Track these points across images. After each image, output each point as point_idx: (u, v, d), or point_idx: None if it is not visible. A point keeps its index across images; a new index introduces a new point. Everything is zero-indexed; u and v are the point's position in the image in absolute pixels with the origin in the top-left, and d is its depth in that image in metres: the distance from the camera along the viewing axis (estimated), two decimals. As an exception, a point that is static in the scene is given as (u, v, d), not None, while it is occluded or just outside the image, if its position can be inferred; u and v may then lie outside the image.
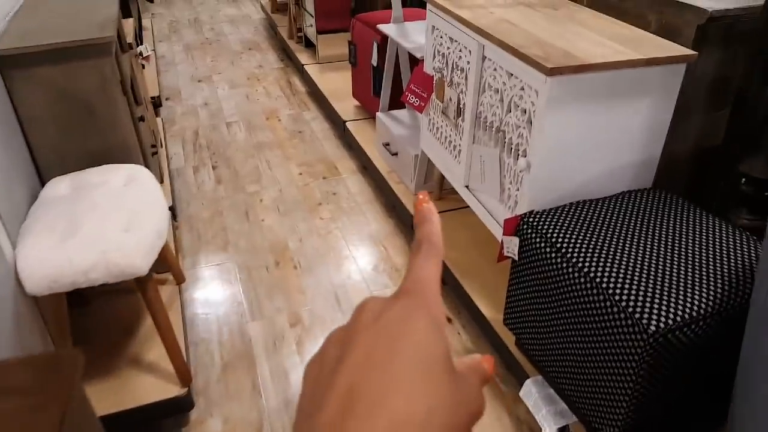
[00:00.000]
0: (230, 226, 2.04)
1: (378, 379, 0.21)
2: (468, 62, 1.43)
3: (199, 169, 2.40)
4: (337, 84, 2.94)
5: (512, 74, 1.25)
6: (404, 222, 2.00)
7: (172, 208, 1.95)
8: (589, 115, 1.18)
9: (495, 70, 1.32)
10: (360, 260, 1.88)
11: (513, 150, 1.30)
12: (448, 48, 1.53)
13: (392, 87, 2.24)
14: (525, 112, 1.23)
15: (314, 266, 1.85)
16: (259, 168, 2.41)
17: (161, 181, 2.05)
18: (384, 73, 2.20)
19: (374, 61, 2.29)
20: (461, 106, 1.51)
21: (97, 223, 1.10)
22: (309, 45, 3.44)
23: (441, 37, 1.57)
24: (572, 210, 1.21)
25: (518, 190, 1.31)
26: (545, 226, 1.18)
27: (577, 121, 1.17)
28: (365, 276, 1.82)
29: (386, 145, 2.14)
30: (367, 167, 2.35)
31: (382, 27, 2.08)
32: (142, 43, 3.22)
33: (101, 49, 1.24)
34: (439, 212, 1.94)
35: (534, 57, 1.12)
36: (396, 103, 2.28)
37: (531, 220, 1.20)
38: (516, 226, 1.23)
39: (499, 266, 1.60)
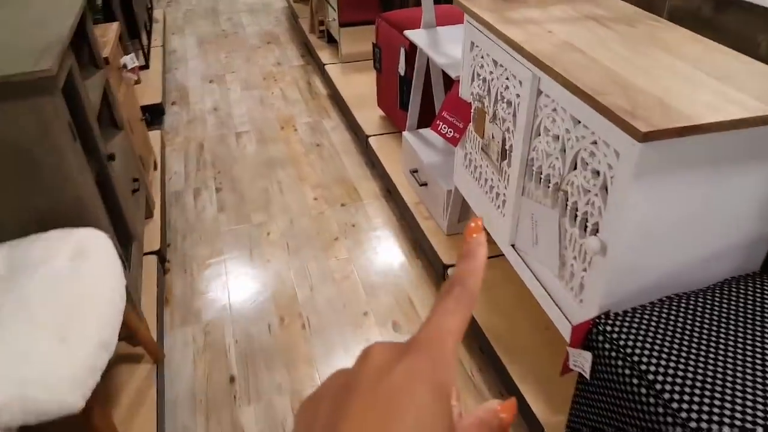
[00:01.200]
0: (231, 269, 1.77)
1: None
2: (518, 95, 1.11)
3: (200, 192, 2.14)
4: (361, 88, 2.63)
5: (580, 122, 0.93)
6: (433, 266, 1.70)
7: (160, 252, 1.70)
8: (689, 186, 0.85)
9: (555, 110, 1.00)
10: (381, 315, 1.59)
11: (579, 219, 0.99)
12: (491, 73, 1.21)
13: (422, 102, 1.93)
14: (598, 175, 0.91)
15: (326, 325, 1.57)
16: (269, 191, 2.13)
17: (150, 215, 1.79)
18: (413, 85, 1.89)
19: (401, 70, 1.98)
20: (507, 147, 1.20)
21: (22, 331, 0.84)
22: (331, 41, 3.14)
23: (482, 58, 1.25)
24: (661, 311, 0.90)
25: (585, 271, 1.00)
26: (624, 337, 0.87)
27: (673, 194, 0.85)
28: (386, 338, 1.53)
29: (414, 172, 1.84)
30: (391, 192, 2.05)
31: (410, 34, 1.76)
32: (147, 42, 2.97)
33: (38, 85, 0.97)
34: None
35: (618, 111, 0.80)
36: (426, 120, 1.97)
37: (606, 328, 0.89)
38: (586, 334, 0.92)
39: (554, 343, 1.29)
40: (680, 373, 0.79)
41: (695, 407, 0.75)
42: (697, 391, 0.77)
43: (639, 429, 0.82)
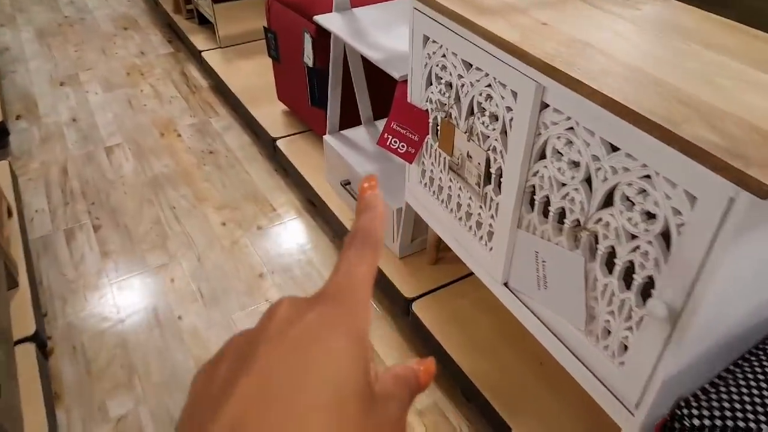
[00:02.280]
0: (133, 339, 1.41)
1: (272, 418, 0.17)
2: (508, 108, 0.87)
3: (74, 234, 1.71)
4: (252, 78, 2.27)
5: (618, 149, 0.71)
6: (389, 298, 1.45)
7: (37, 335, 1.29)
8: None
9: (572, 130, 0.78)
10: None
11: (619, 269, 0.78)
12: (461, 77, 0.96)
13: (342, 99, 1.64)
14: (652, 218, 0.70)
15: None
16: (163, 221, 1.75)
17: (14, 284, 1.37)
18: (330, 80, 1.59)
19: (309, 60, 1.66)
20: (493, 170, 0.96)
21: None
22: (204, 21, 2.70)
23: (444, 57, 0.99)
24: (749, 384, 0.72)
25: (631, 331, 0.80)
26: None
27: (761, 247, 0.66)
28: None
29: (346, 184, 1.56)
30: (315, 203, 1.76)
31: (323, 21, 1.45)
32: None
33: None
34: (441, 285, 1.42)
35: (713, 149, 0.58)
36: (348, 119, 1.68)
37: (692, 423, 0.70)
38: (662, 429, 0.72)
39: (553, 379, 1.11)
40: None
41: None
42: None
43: None
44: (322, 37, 1.55)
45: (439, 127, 1.08)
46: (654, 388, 0.78)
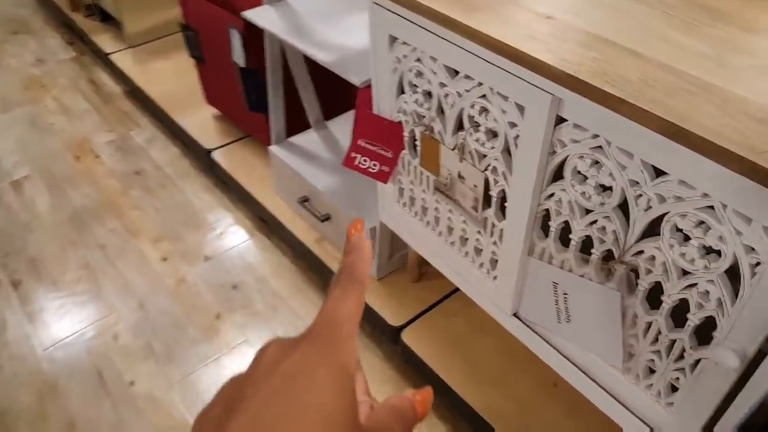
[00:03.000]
0: (79, 420, 1.21)
1: None
2: (512, 124, 0.73)
3: (-12, 294, 1.47)
4: (171, 81, 2.03)
5: (666, 173, 0.59)
6: (372, 324, 1.31)
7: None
8: None
9: (600, 149, 0.65)
10: None
11: (668, 308, 0.67)
12: (444, 86, 0.81)
13: (286, 99, 1.45)
14: (714, 255, 0.59)
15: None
16: (92, 265, 1.53)
17: None
18: (270, 84, 1.40)
19: (240, 60, 1.46)
20: (495, 194, 0.83)
21: None
22: (107, 18, 2.40)
23: (417, 60, 0.84)
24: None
25: (682, 373, 0.70)
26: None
27: None
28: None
29: (304, 201, 1.39)
30: (267, 221, 1.59)
31: (252, 16, 1.25)
32: None
33: None
34: (430, 306, 1.28)
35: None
36: (295, 124, 1.51)
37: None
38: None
39: (570, 401, 1.01)
40: None
41: None
42: None
43: None
44: (254, 33, 1.36)
45: (418, 143, 0.93)
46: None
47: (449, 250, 0.99)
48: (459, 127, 0.83)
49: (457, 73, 0.79)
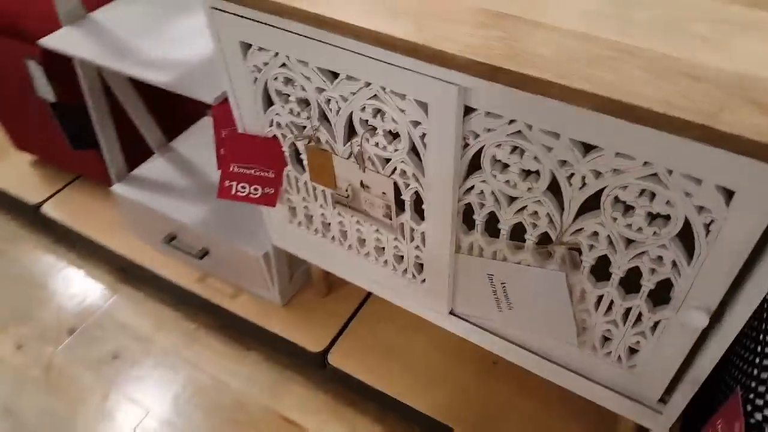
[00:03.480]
0: None
1: None
2: (415, 123, 0.66)
3: None
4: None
5: (595, 147, 0.55)
6: (295, 356, 1.20)
7: None
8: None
9: (519, 134, 0.60)
10: (264, 472, 1.08)
11: (618, 278, 0.65)
12: (323, 92, 0.71)
13: (118, 128, 1.25)
14: (663, 220, 0.57)
15: None
16: (-74, 379, 1.25)
17: None
18: (94, 119, 1.19)
19: (48, 95, 1.23)
20: (407, 197, 0.75)
21: None
22: None
23: (282, 66, 0.73)
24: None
25: (642, 336, 0.69)
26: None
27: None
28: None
29: (171, 239, 1.22)
30: (129, 270, 1.39)
31: (52, 43, 1.04)
32: None
33: None
34: (349, 318, 1.18)
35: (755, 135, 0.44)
36: (135, 149, 1.31)
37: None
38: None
39: (526, 382, 1.00)
40: None
41: None
42: None
43: None
44: (59, 61, 1.14)
45: (304, 156, 0.82)
46: (688, 385, 0.69)
47: (364, 262, 0.91)
48: (351, 133, 0.74)
49: (336, 75, 0.69)
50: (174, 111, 1.35)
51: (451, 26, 0.58)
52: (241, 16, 0.71)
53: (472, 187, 0.69)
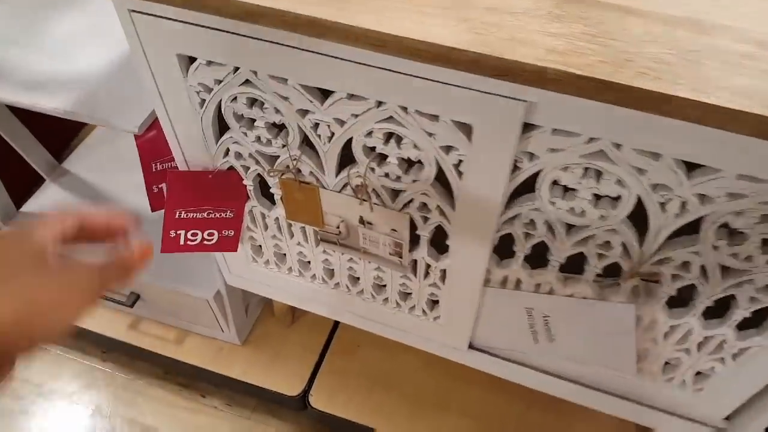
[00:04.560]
0: None
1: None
2: (447, 149, 0.50)
3: None
4: None
5: (701, 165, 0.42)
6: (270, 401, 1.02)
7: None
8: None
9: (601, 154, 0.45)
10: None
11: (703, 309, 0.54)
12: (309, 114, 0.52)
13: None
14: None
15: None
16: None
17: None
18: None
19: None
20: (425, 233, 0.59)
21: None
22: None
23: (245, 84, 0.53)
24: None
25: (721, 363, 0.59)
26: None
27: None
28: None
29: (88, 287, 0.98)
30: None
31: None
32: None
33: None
34: (324, 347, 1.01)
35: None
36: (21, 177, 1.04)
37: None
38: None
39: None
40: None
41: None
42: None
43: None
44: None
45: (274, 190, 0.63)
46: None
47: (356, 300, 0.74)
48: (344, 161, 0.56)
49: (326, 93, 0.50)
50: (61, 124, 1.08)
51: (513, 21, 0.41)
52: (180, 21, 0.50)
53: (516, 216, 0.54)
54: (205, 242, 0.69)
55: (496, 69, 0.39)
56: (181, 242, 0.68)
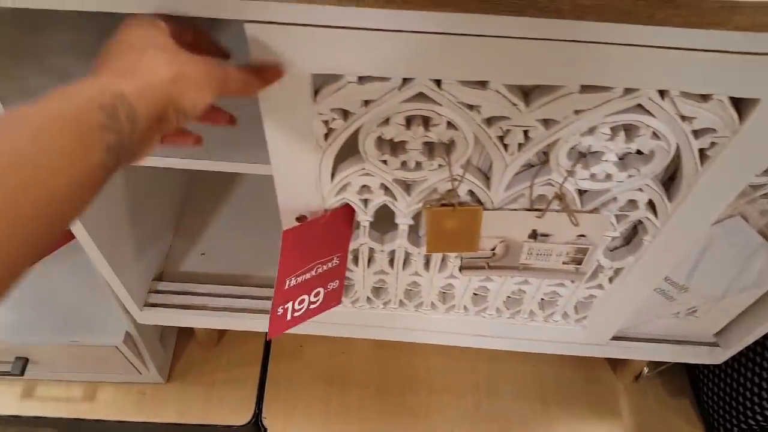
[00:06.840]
0: None
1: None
2: (704, 132, 0.39)
3: None
4: None
5: None
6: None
7: None
8: None
9: None
10: None
11: None
12: (504, 122, 0.39)
13: None
14: None
15: None
16: None
17: None
18: None
19: None
20: (616, 233, 0.49)
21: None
22: None
23: (419, 97, 0.38)
24: None
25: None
26: None
27: None
28: None
29: None
30: None
31: None
32: None
33: None
34: (264, 360, 0.83)
35: None
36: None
37: None
38: None
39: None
40: None
41: None
42: None
43: None
44: None
45: (404, 219, 0.49)
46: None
47: (463, 318, 0.63)
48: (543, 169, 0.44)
49: (527, 94, 0.37)
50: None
51: None
52: (324, 26, 0.34)
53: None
54: (312, 306, 0.53)
55: None
56: (288, 317, 0.51)
